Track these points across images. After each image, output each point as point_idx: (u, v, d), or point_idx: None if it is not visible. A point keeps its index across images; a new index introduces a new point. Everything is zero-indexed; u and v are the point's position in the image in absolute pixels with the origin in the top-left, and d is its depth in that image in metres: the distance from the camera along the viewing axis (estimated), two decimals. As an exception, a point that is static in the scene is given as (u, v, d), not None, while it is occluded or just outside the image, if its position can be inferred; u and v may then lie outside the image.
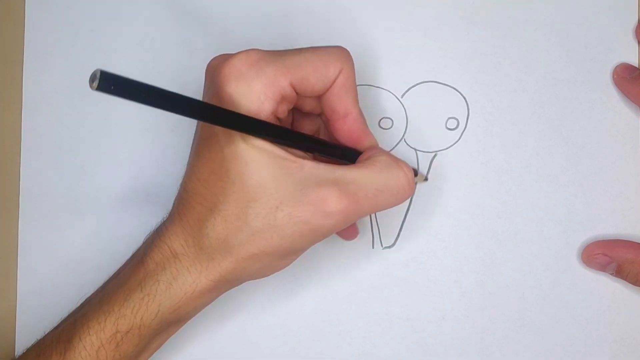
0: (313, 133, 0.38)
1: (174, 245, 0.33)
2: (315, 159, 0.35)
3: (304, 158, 0.33)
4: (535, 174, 0.42)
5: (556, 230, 0.41)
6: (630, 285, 0.40)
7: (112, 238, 0.42)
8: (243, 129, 0.31)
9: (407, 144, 0.42)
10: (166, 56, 0.43)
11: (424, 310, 0.42)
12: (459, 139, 0.42)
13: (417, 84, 0.42)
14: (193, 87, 0.42)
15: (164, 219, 0.36)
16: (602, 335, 0.41)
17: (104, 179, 0.43)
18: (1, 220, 0.43)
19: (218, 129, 0.32)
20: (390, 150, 0.42)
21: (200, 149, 0.33)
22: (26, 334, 0.42)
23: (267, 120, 0.32)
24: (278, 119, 0.34)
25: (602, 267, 0.40)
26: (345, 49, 0.35)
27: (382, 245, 0.42)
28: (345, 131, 0.36)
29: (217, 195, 0.32)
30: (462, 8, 0.42)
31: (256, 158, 0.31)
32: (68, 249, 0.42)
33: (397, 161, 0.34)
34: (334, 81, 0.34)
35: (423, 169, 0.42)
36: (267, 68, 0.32)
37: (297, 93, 0.33)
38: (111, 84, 0.26)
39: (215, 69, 0.33)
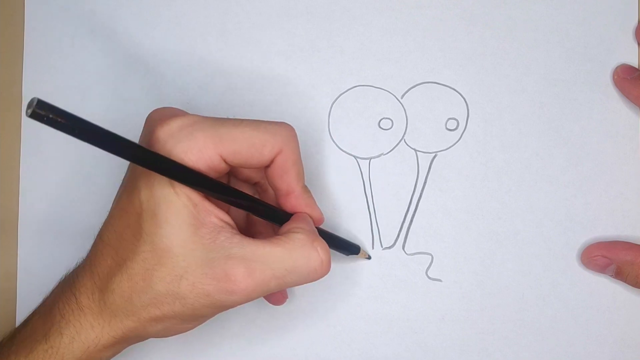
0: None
1: (82, 298, 0.33)
2: (247, 217, 0.36)
3: (224, 223, 0.32)
4: (535, 175, 0.42)
5: (556, 230, 0.41)
6: (630, 286, 0.40)
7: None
8: (171, 174, 0.31)
9: (407, 144, 0.42)
10: (165, 57, 0.43)
11: (424, 311, 0.42)
12: (459, 139, 0.42)
13: (417, 85, 0.42)
14: (192, 88, 0.43)
15: (78, 264, 0.36)
16: (602, 336, 0.41)
17: (103, 179, 0.43)
18: (1, 220, 0.43)
19: (141, 182, 0.32)
20: (390, 151, 0.42)
21: (121, 199, 0.33)
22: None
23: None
24: None
25: (602, 269, 0.40)
26: (289, 127, 0.34)
27: (382, 245, 0.42)
28: (289, 207, 0.35)
29: (127, 251, 0.32)
30: (462, 8, 0.42)
31: (172, 219, 0.31)
32: (67, 250, 0.42)
33: (314, 241, 0.33)
34: (273, 160, 0.33)
35: (423, 170, 0.42)
36: (198, 134, 0.31)
37: (228, 164, 0.33)
38: (45, 114, 0.26)
39: (151, 126, 0.33)
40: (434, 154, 0.42)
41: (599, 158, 0.42)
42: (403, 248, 0.42)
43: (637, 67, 0.42)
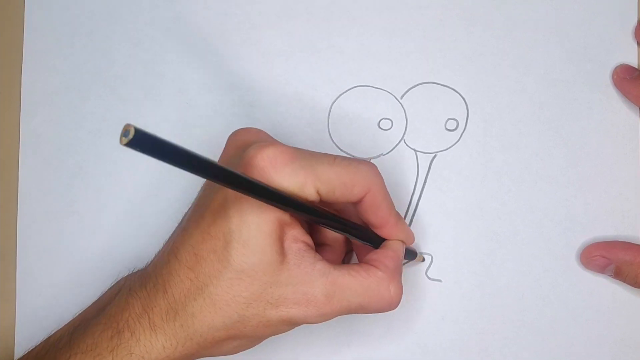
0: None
1: (155, 317, 0.33)
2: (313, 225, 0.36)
3: (307, 247, 0.33)
4: (534, 175, 0.42)
5: (556, 231, 0.41)
6: (630, 286, 0.40)
7: (111, 239, 0.42)
8: (272, 201, 0.31)
9: (407, 144, 0.42)
10: (165, 57, 0.43)
11: (423, 311, 0.42)
12: (459, 139, 0.42)
13: (417, 85, 0.42)
14: (192, 88, 0.43)
15: (141, 271, 0.36)
16: (601, 336, 0.41)
17: (102, 179, 0.43)
18: (0, 221, 0.43)
19: (232, 210, 0.32)
20: (390, 151, 0.42)
21: (204, 221, 0.33)
22: (25, 336, 0.42)
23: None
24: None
25: (601, 269, 0.40)
26: (374, 166, 0.35)
27: (381, 245, 0.42)
28: (384, 235, 0.37)
29: (210, 276, 0.32)
30: (462, 9, 0.42)
31: (266, 249, 0.32)
32: (67, 250, 0.42)
33: (390, 283, 0.34)
34: (362, 199, 0.34)
35: (423, 170, 0.42)
36: (300, 171, 0.32)
37: (321, 198, 0.33)
38: (142, 144, 0.23)
39: (244, 151, 0.32)
40: (433, 154, 0.42)
41: (599, 158, 0.42)
42: (403, 248, 0.42)
43: (637, 67, 0.42)
